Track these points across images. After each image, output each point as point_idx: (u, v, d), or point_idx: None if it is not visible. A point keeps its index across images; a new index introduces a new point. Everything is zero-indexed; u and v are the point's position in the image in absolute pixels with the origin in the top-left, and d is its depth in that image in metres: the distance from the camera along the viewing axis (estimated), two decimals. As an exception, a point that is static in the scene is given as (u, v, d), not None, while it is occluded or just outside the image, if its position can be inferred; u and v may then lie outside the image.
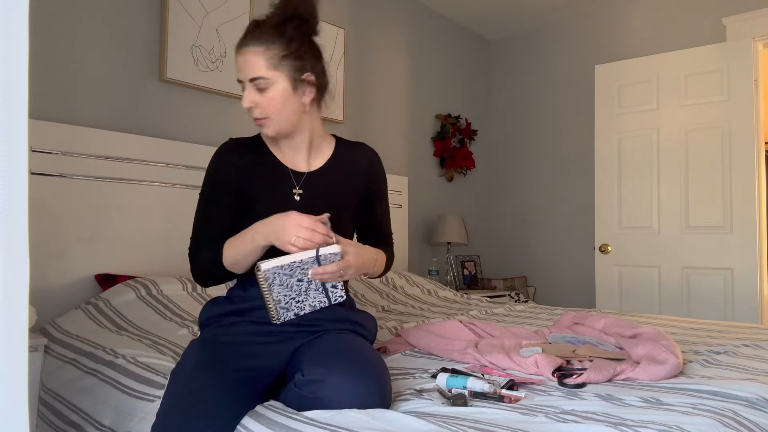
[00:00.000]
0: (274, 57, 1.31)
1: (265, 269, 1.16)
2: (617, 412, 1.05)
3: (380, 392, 1.12)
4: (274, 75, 1.31)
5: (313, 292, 1.26)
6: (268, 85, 1.31)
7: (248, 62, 1.31)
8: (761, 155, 3.28)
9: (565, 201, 4.20)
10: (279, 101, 1.33)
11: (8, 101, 0.53)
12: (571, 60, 4.21)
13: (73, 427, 1.56)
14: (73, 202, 2.20)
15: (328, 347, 1.24)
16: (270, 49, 1.31)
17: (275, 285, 1.19)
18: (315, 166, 1.45)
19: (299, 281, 1.21)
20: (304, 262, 1.18)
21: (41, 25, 2.20)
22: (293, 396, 1.15)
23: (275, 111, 1.33)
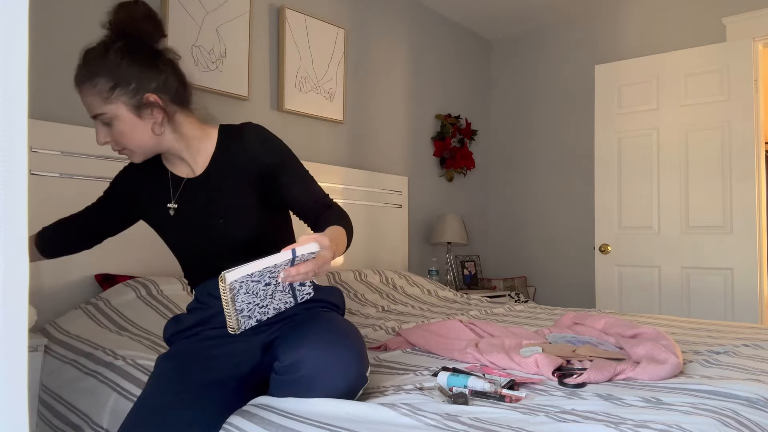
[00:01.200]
0: (103, 91, 1.24)
1: (231, 280, 1.00)
2: (617, 411, 1.05)
3: (356, 358, 1.13)
4: (111, 108, 1.25)
5: (279, 294, 1.11)
6: (110, 120, 1.26)
7: (85, 101, 1.27)
8: (761, 155, 3.28)
9: (565, 201, 4.20)
10: (127, 132, 1.27)
11: (8, 101, 0.53)
12: (571, 60, 4.21)
13: (73, 428, 1.56)
14: (73, 202, 2.20)
15: (300, 329, 1.23)
16: (96, 84, 1.24)
17: (240, 294, 1.04)
18: (197, 171, 1.37)
19: (266, 285, 1.07)
20: (277, 266, 1.03)
21: (41, 25, 2.20)
22: (277, 384, 1.16)
23: (129, 141, 1.28)
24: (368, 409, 1.07)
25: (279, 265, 1.03)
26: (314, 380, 1.10)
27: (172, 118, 1.31)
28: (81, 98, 1.28)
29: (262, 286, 1.06)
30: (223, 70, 2.77)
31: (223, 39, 2.77)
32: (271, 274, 1.04)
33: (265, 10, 3.02)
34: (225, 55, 2.77)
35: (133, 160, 1.33)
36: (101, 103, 1.25)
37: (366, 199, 3.44)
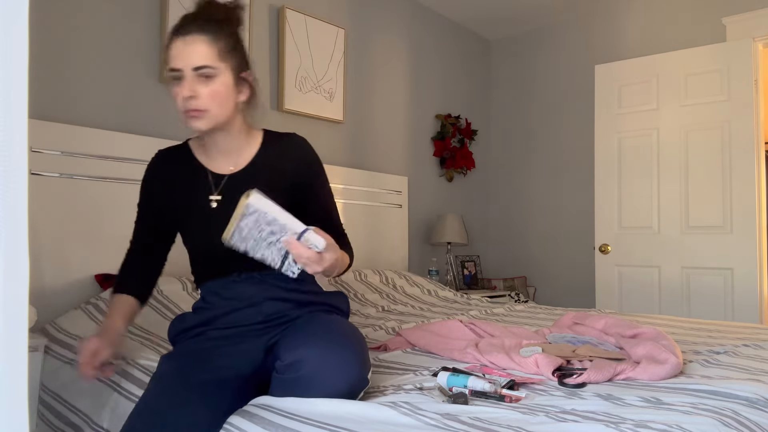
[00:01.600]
0: (222, 48, 1.27)
1: (253, 202, 1.09)
2: (617, 411, 1.05)
3: (357, 359, 1.13)
4: (222, 66, 1.27)
5: (274, 250, 1.15)
6: (214, 75, 1.26)
7: (194, 50, 1.24)
8: (761, 155, 3.28)
9: (565, 201, 4.20)
10: (222, 94, 1.28)
11: (8, 101, 0.53)
12: (571, 60, 4.21)
13: (73, 428, 1.56)
14: (73, 202, 2.20)
15: (302, 329, 1.24)
16: (219, 39, 1.27)
17: (249, 218, 1.10)
18: (240, 166, 1.39)
19: (271, 233, 1.12)
20: (286, 227, 1.11)
21: (41, 25, 2.20)
22: (277, 383, 1.16)
23: (216, 104, 1.27)
24: (368, 409, 1.07)
25: (287, 228, 1.11)
26: (314, 380, 1.10)
27: (249, 103, 1.37)
28: (180, 47, 1.25)
29: (267, 232, 1.12)
30: (223, 70, 2.76)
31: (223, 39, 2.76)
32: (281, 229, 1.12)
33: (265, 10, 3.02)
34: (225, 55, 2.77)
35: (197, 126, 1.28)
36: (215, 57, 1.26)
37: (366, 199, 3.44)
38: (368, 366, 1.17)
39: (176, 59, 1.26)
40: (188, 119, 1.28)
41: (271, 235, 1.13)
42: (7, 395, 0.53)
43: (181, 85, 1.26)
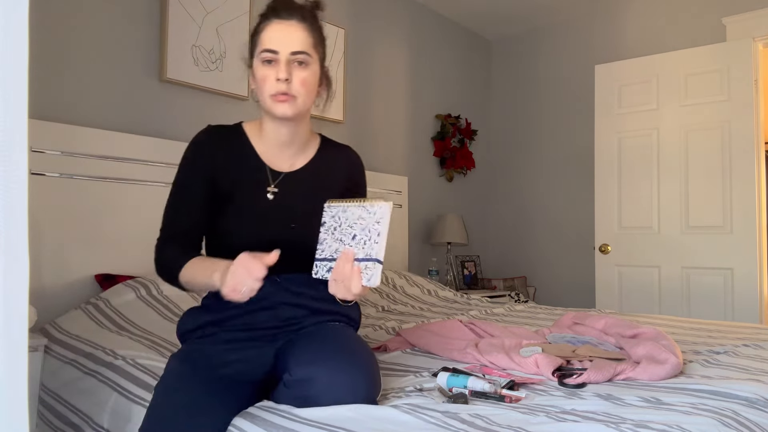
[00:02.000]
0: (316, 38, 1.28)
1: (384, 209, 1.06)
2: (618, 411, 1.05)
3: (368, 382, 1.11)
4: (314, 56, 1.28)
5: (326, 253, 1.13)
6: (309, 63, 1.26)
7: (294, 34, 1.24)
8: (761, 155, 3.28)
9: (565, 201, 4.20)
10: (311, 83, 1.28)
11: (8, 101, 0.53)
12: (571, 60, 4.21)
13: (73, 428, 1.56)
14: (73, 202, 2.20)
15: (313, 343, 1.21)
16: (314, 29, 1.29)
17: (361, 213, 1.08)
18: (296, 165, 1.38)
19: (353, 237, 1.09)
20: (369, 211, 1.08)
21: (41, 25, 2.20)
22: (284, 396, 1.15)
23: (305, 91, 1.26)
24: (368, 408, 1.08)
25: (371, 212, 1.07)
26: (322, 402, 1.08)
27: (321, 98, 1.36)
28: (281, 30, 1.24)
29: (350, 237, 1.09)
30: (223, 70, 2.77)
31: (223, 39, 2.77)
32: (362, 221, 1.09)
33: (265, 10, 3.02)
34: (225, 55, 2.77)
35: (283, 112, 1.25)
36: (310, 45, 1.26)
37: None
38: (378, 388, 1.15)
39: (275, 41, 1.24)
40: (275, 103, 1.25)
41: (350, 239, 1.09)
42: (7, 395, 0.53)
43: (275, 68, 1.24)
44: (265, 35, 1.25)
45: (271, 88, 1.24)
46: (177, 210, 1.32)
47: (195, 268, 1.23)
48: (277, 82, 1.23)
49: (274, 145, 1.36)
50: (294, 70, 1.24)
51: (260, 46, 1.26)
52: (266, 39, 1.25)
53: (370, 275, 1.06)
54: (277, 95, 1.24)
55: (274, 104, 1.25)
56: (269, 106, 1.26)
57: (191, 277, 1.23)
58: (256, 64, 1.27)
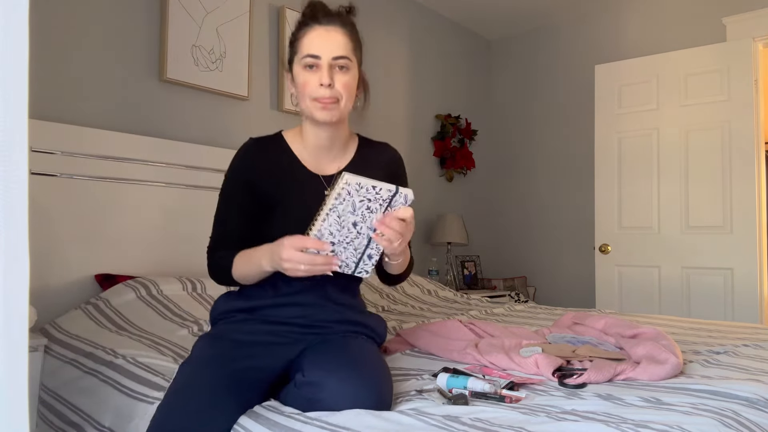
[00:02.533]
0: (355, 42, 1.31)
1: (348, 178, 1.07)
2: (618, 411, 1.05)
3: (378, 398, 1.10)
4: (354, 60, 1.30)
5: (352, 251, 1.16)
6: (349, 67, 1.28)
7: (336, 39, 1.27)
8: (761, 155, 3.28)
9: (565, 201, 4.20)
10: (352, 87, 1.31)
11: (8, 101, 0.53)
12: (571, 60, 4.21)
13: (73, 428, 1.56)
14: (73, 202, 2.20)
15: (331, 351, 1.23)
16: (353, 34, 1.31)
17: (336, 210, 1.09)
18: (340, 165, 1.40)
19: (354, 225, 1.12)
20: (376, 198, 1.10)
21: (41, 25, 2.20)
22: (293, 396, 1.15)
23: (347, 95, 1.29)
24: (370, 410, 1.08)
25: (379, 196, 1.09)
26: (331, 407, 1.08)
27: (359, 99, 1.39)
28: (323, 35, 1.27)
29: (350, 224, 1.12)
30: (223, 70, 2.77)
31: (223, 39, 2.77)
32: (368, 208, 1.11)
33: (265, 10, 3.02)
34: (225, 55, 2.77)
35: (325, 117, 1.28)
36: (352, 50, 1.30)
37: (366, 199, 3.44)
38: (387, 405, 1.13)
39: (317, 46, 1.26)
40: (318, 109, 1.28)
41: (351, 230, 1.13)
42: (7, 395, 0.53)
43: (317, 73, 1.26)
44: (306, 40, 1.28)
45: (314, 92, 1.26)
46: (224, 220, 1.36)
47: (243, 262, 1.27)
48: (320, 87, 1.26)
49: (315, 150, 1.38)
50: (336, 75, 1.27)
51: (302, 51, 1.28)
52: (308, 44, 1.27)
53: (404, 194, 1.12)
54: (319, 99, 1.27)
55: (316, 110, 1.28)
56: (311, 110, 1.29)
57: (243, 270, 1.28)
58: (297, 69, 1.29)
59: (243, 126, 2.88)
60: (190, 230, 2.51)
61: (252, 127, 2.91)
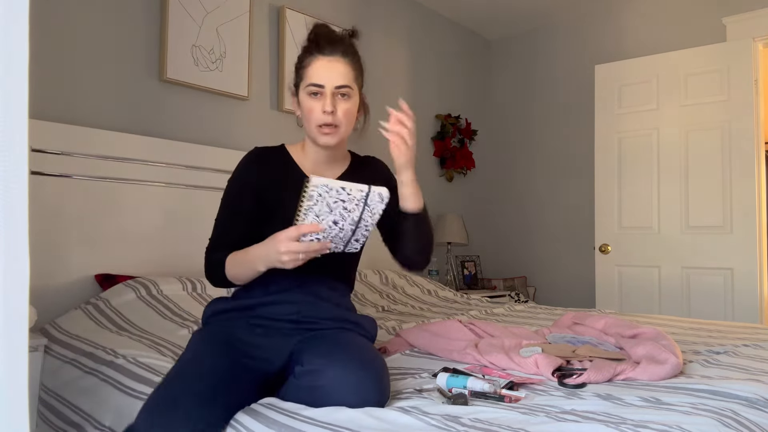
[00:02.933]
0: (356, 70, 1.41)
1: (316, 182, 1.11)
2: (617, 411, 1.05)
3: (378, 383, 1.13)
4: (356, 88, 1.40)
5: (338, 240, 1.23)
6: (351, 95, 1.38)
7: (338, 70, 1.36)
8: (761, 155, 3.28)
9: (565, 201, 4.20)
10: (352, 113, 1.41)
11: (8, 101, 0.53)
12: (571, 60, 4.21)
13: (74, 427, 1.56)
14: (73, 202, 2.20)
15: (330, 342, 1.27)
16: (355, 62, 1.40)
17: (312, 210, 1.14)
18: (335, 176, 1.49)
19: (335, 223, 1.18)
20: (350, 199, 1.15)
21: (41, 25, 2.20)
22: (293, 388, 1.16)
23: (347, 122, 1.39)
24: (370, 409, 1.08)
25: (352, 196, 1.15)
26: (330, 394, 1.10)
27: (359, 122, 1.49)
28: (327, 66, 1.36)
29: (330, 221, 1.17)
30: (223, 70, 2.77)
31: (223, 39, 2.77)
32: (344, 208, 1.16)
33: (265, 10, 3.02)
34: (225, 55, 2.77)
35: (327, 141, 1.38)
36: (353, 79, 1.39)
37: (366, 199, 3.44)
38: (386, 395, 1.16)
39: (321, 76, 1.36)
40: (321, 134, 1.38)
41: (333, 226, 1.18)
42: (7, 395, 0.53)
43: (321, 101, 1.36)
44: (311, 70, 1.37)
45: (318, 119, 1.37)
46: (224, 223, 1.42)
47: (236, 263, 1.31)
48: (323, 114, 1.36)
49: (314, 164, 1.48)
50: (338, 103, 1.37)
51: (307, 80, 1.38)
52: (312, 74, 1.37)
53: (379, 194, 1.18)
54: (322, 126, 1.37)
55: (320, 135, 1.38)
56: (315, 135, 1.39)
57: (236, 271, 1.32)
58: (303, 95, 1.39)
59: (243, 126, 2.88)
60: (190, 230, 2.51)
61: (252, 127, 2.91)
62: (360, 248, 1.27)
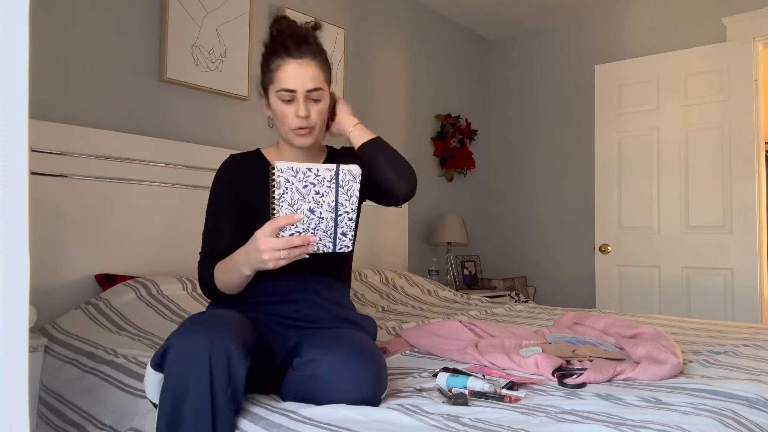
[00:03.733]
0: (326, 71, 1.39)
1: (281, 166, 1.10)
2: (617, 411, 1.05)
3: (377, 372, 1.14)
4: (326, 87, 1.39)
5: (321, 233, 1.17)
6: (322, 97, 1.37)
7: (308, 73, 1.35)
8: (761, 155, 3.28)
9: (565, 201, 4.20)
10: (324, 114, 1.40)
11: (8, 101, 0.53)
12: (571, 60, 4.21)
13: (74, 427, 1.56)
14: (73, 202, 2.20)
15: (328, 335, 1.28)
16: (323, 63, 1.39)
17: (284, 200, 1.11)
18: None
19: (311, 211, 1.14)
20: (319, 181, 1.12)
21: (41, 25, 2.20)
22: (291, 380, 1.17)
23: (321, 122, 1.39)
24: (369, 409, 1.08)
25: (321, 177, 1.12)
26: (329, 384, 1.10)
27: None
28: (297, 70, 1.34)
29: (307, 210, 1.14)
30: (223, 70, 2.77)
31: (223, 39, 2.77)
32: (317, 192, 1.13)
33: (265, 10, 3.02)
34: (225, 55, 2.77)
35: (304, 143, 1.39)
36: (324, 80, 1.38)
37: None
38: (383, 387, 1.16)
39: (292, 81, 1.34)
40: (297, 136, 1.38)
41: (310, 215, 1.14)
42: (7, 395, 0.53)
43: (294, 105, 1.35)
44: (281, 74, 1.35)
45: (292, 124, 1.36)
46: (211, 233, 1.41)
47: (223, 271, 1.30)
48: (297, 119, 1.36)
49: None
50: (310, 106, 1.37)
51: (277, 84, 1.35)
52: (283, 79, 1.35)
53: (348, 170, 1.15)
54: (297, 129, 1.37)
55: (295, 137, 1.39)
56: (290, 138, 1.39)
57: (225, 280, 1.30)
58: (274, 99, 1.38)
59: (243, 126, 2.88)
60: (190, 230, 2.51)
61: (252, 127, 2.91)
62: (351, 246, 1.23)
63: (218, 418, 1.05)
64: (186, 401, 1.04)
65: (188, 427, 1.04)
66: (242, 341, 1.11)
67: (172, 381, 1.06)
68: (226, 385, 1.05)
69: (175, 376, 1.06)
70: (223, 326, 1.10)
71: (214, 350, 1.05)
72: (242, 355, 1.07)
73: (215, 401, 1.04)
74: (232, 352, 1.06)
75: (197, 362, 1.04)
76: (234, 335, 1.09)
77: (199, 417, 1.04)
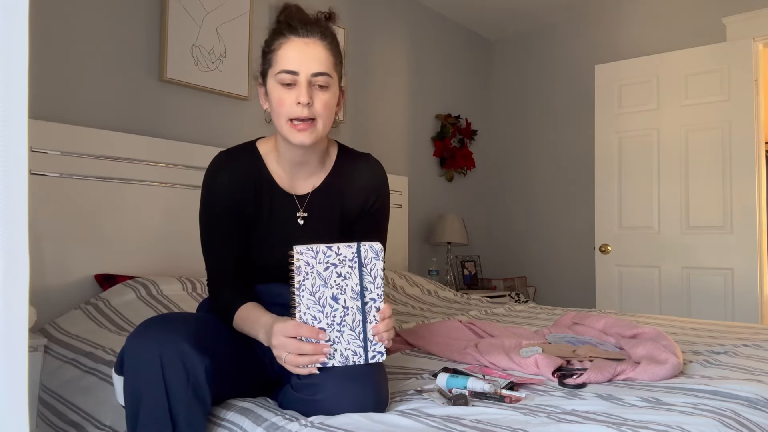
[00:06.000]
0: (336, 57, 1.18)
1: (298, 251, 1.02)
2: (618, 412, 1.05)
3: (375, 395, 1.09)
4: (335, 76, 1.17)
5: (349, 332, 1.07)
6: (329, 85, 1.15)
7: (315, 54, 1.13)
8: (761, 155, 3.28)
9: (565, 201, 4.20)
10: (332, 106, 1.17)
11: (8, 101, 0.53)
12: (571, 60, 4.21)
13: (74, 427, 1.56)
14: (73, 202, 2.20)
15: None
16: (334, 47, 1.17)
17: (305, 287, 1.03)
18: (315, 184, 1.30)
19: (335, 299, 1.04)
20: (341, 261, 1.04)
21: (41, 25, 2.20)
22: (291, 399, 1.14)
23: (326, 115, 1.16)
24: (370, 413, 1.07)
25: (342, 256, 1.04)
26: (329, 409, 1.07)
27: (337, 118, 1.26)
28: (301, 48, 1.13)
29: (329, 298, 1.05)
30: (223, 70, 2.76)
31: (223, 39, 2.77)
32: (339, 275, 1.05)
33: (265, 10, 3.02)
34: (225, 55, 2.77)
35: (302, 140, 1.16)
36: (333, 66, 1.16)
37: (366, 199, 3.44)
38: (385, 403, 1.12)
39: (294, 61, 1.13)
40: (293, 131, 1.15)
41: (334, 305, 1.05)
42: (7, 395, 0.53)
43: (295, 90, 1.14)
44: (282, 53, 1.15)
45: (291, 112, 1.14)
46: (214, 251, 1.25)
47: (243, 320, 1.19)
48: (297, 106, 1.13)
49: (289, 165, 1.27)
50: (315, 93, 1.14)
51: (277, 65, 1.15)
52: (284, 58, 1.14)
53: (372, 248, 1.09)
54: (295, 122, 1.15)
55: (292, 131, 1.15)
56: (286, 132, 1.17)
57: (241, 328, 1.20)
58: (272, 84, 1.17)
59: (243, 126, 2.88)
60: (190, 230, 2.51)
61: (252, 127, 2.91)
62: (385, 354, 1.09)
63: (179, 417, 1.04)
64: (142, 404, 1.04)
65: (148, 427, 1.04)
66: (199, 341, 1.07)
67: (129, 385, 1.06)
68: (185, 385, 1.03)
69: (130, 381, 1.06)
70: (175, 328, 1.07)
71: (165, 352, 1.02)
72: (198, 354, 1.04)
73: (173, 403, 1.03)
74: (185, 350, 1.03)
75: (149, 365, 1.03)
76: (186, 335, 1.05)
77: (156, 419, 1.03)
